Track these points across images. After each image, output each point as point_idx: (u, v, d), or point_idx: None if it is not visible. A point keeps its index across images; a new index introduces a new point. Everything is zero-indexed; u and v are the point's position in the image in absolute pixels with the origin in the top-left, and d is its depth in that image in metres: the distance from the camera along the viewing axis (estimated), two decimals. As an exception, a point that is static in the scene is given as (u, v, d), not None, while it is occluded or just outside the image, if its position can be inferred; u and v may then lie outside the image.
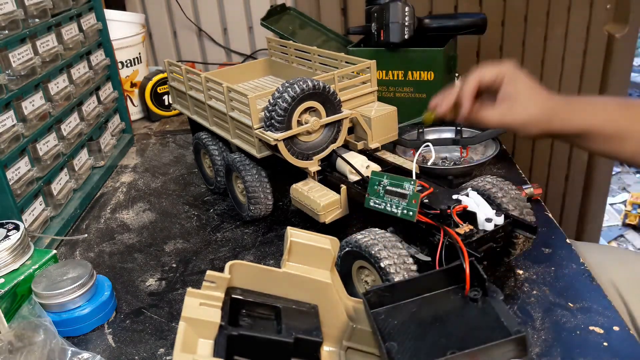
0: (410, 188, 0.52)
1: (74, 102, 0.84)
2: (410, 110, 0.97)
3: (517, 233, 0.53)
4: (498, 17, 1.50)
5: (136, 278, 0.66)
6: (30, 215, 0.70)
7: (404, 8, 0.91)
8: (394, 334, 0.39)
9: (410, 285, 0.43)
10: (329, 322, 0.43)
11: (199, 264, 0.67)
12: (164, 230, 0.76)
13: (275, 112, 0.61)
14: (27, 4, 0.73)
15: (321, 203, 0.61)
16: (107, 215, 0.81)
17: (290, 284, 0.42)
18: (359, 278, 0.55)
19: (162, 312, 0.59)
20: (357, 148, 0.71)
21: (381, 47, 0.96)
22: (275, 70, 0.94)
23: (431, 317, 0.40)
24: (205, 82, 0.73)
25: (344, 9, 1.48)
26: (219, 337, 0.36)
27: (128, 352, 0.54)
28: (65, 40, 0.83)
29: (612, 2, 1.50)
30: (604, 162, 1.72)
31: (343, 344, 0.45)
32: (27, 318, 0.55)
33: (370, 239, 0.51)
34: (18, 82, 0.69)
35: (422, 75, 0.97)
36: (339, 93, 0.66)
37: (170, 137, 1.10)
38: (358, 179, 0.64)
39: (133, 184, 0.91)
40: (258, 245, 0.70)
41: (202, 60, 1.52)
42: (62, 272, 0.58)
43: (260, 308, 0.41)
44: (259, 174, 0.70)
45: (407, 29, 0.92)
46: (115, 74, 1.02)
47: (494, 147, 0.80)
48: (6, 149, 0.66)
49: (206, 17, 1.47)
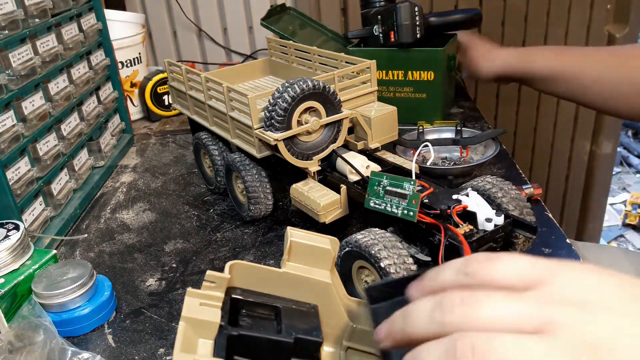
0: (410, 188, 0.52)
1: (74, 102, 0.84)
2: (410, 110, 0.97)
3: (517, 233, 0.53)
4: (498, 17, 1.50)
5: (136, 278, 0.66)
6: (30, 215, 0.70)
7: (413, 8, 0.92)
8: None
9: (412, 281, 0.43)
10: (329, 322, 0.43)
11: (199, 264, 0.67)
12: (164, 230, 0.76)
13: (275, 112, 0.61)
14: (27, 4, 0.73)
15: (321, 203, 0.61)
16: (107, 215, 0.81)
17: (290, 284, 0.42)
18: (359, 278, 0.55)
19: (162, 312, 0.59)
20: (357, 148, 0.71)
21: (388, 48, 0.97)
22: (275, 70, 0.94)
23: None
24: (205, 82, 0.73)
25: (344, 9, 1.48)
26: (219, 337, 0.36)
27: (128, 352, 0.54)
28: (65, 40, 0.83)
29: (613, 2, 1.50)
30: (604, 162, 1.72)
31: (343, 344, 0.45)
32: (27, 318, 0.55)
33: (370, 239, 0.51)
34: (18, 82, 0.69)
35: (422, 75, 0.97)
36: (339, 93, 0.66)
37: (170, 137, 1.10)
38: (358, 179, 0.64)
39: (133, 184, 0.91)
40: (258, 245, 0.70)
41: (202, 60, 1.52)
42: (62, 272, 0.58)
43: (260, 308, 0.41)
44: (259, 174, 0.70)
45: (419, 28, 0.93)
46: (115, 74, 1.02)
47: (494, 147, 0.80)
48: (6, 149, 0.66)
49: (206, 17, 1.47)
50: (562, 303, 0.26)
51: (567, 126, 1.69)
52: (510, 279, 0.28)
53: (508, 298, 0.27)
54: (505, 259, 0.29)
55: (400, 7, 0.93)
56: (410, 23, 0.93)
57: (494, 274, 0.28)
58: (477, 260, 0.29)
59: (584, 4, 1.50)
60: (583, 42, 1.55)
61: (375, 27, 0.97)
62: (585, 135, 1.70)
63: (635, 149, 3.11)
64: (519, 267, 0.28)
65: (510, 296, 0.27)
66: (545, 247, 0.63)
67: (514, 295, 0.27)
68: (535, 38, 1.54)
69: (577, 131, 1.70)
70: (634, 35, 1.53)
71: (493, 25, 1.51)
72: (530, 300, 0.27)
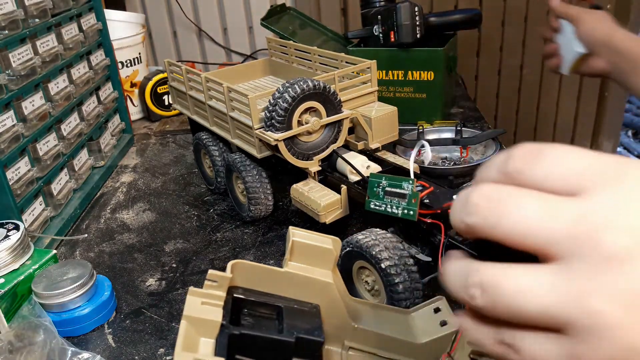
0: (408, 188, 0.52)
1: (74, 102, 0.84)
2: (410, 110, 0.97)
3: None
4: (498, 17, 1.51)
5: (136, 278, 0.66)
6: (30, 215, 0.70)
7: (413, 8, 0.93)
8: None
9: None
10: (331, 321, 0.43)
11: (199, 264, 0.67)
12: (164, 230, 0.75)
13: (276, 112, 0.61)
14: (27, 4, 0.73)
15: (321, 203, 0.61)
16: (107, 215, 0.81)
17: (292, 283, 0.42)
18: (359, 278, 0.55)
19: (162, 312, 0.59)
20: (358, 148, 0.71)
21: (389, 48, 0.96)
22: (275, 70, 0.94)
23: None
24: (206, 82, 0.73)
25: (344, 9, 1.48)
26: (221, 336, 0.36)
27: (128, 352, 0.54)
28: (65, 40, 0.83)
29: (613, 2, 1.50)
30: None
31: (345, 343, 0.45)
32: (27, 318, 0.55)
33: (371, 239, 0.51)
34: (18, 82, 0.69)
35: (422, 75, 0.97)
36: (339, 93, 0.66)
37: (170, 137, 1.10)
38: (358, 179, 0.64)
39: (133, 184, 0.91)
40: (258, 246, 0.70)
41: (202, 60, 1.52)
42: (62, 272, 0.58)
43: (261, 307, 0.41)
44: (259, 174, 0.70)
45: (419, 28, 0.93)
46: (115, 74, 1.02)
47: (494, 147, 0.80)
48: (6, 149, 0.66)
49: (206, 17, 1.47)
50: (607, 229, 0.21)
51: (567, 126, 1.69)
52: (553, 182, 0.23)
53: (539, 209, 0.22)
54: (552, 154, 0.23)
55: (400, 7, 0.93)
56: (410, 23, 0.93)
57: (535, 175, 0.23)
58: (519, 156, 0.24)
59: (584, 4, 1.50)
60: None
61: (375, 27, 0.97)
62: (585, 135, 1.70)
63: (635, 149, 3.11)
64: (568, 165, 0.23)
65: (544, 205, 0.22)
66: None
67: (550, 204, 0.22)
68: (536, 38, 1.54)
69: (577, 131, 1.70)
70: (633, 35, 1.53)
71: (493, 25, 1.51)
72: (567, 215, 0.21)
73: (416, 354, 0.44)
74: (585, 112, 1.66)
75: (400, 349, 0.44)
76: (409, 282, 0.49)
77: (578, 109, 1.67)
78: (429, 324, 0.45)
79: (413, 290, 0.49)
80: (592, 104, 1.65)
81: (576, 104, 1.66)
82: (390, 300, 0.50)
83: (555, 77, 1.61)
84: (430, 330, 0.44)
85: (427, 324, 0.45)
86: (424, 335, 0.44)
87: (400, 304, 0.49)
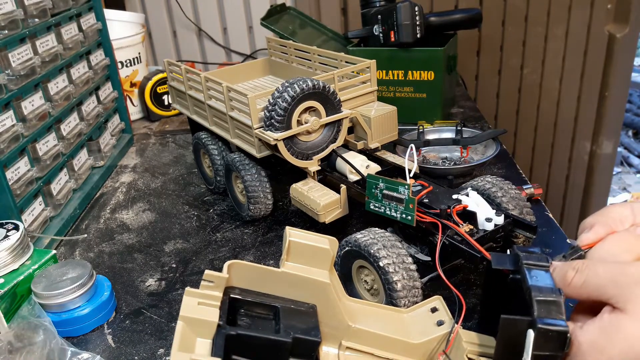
0: (405, 192, 0.52)
1: (73, 102, 0.84)
2: (410, 110, 0.97)
3: (517, 233, 0.53)
4: (498, 17, 1.50)
5: (136, 278, 0.66)
6: (30, 215, 0.70)
7: (413, 8, 0.93)
8: None
9: None
10: (328, 322, 0.43)
11: (198, 264, 0.67)
12: (163, 231, 0.76)
13: (275, 111, 0.61)
14: (27, 4, 0.73)
15: (321, 203, 0.61)
16: (107, 215, 0.81)
17: (288, 283, 0.42)
18: (358, 278, 0.55)
19: (161, 312, 0.59)
20: (357, 148, 0.71)
21: (389, 47, 0.96)
22: (275, 70, 0.94)
23: None
24: (205, 82, 0.73)
25: (344, 9, 1.48)
26: (217, 336, 0.36)
27: (128, 352, 0.54)
28: (65, 40, 0.83)
29: (613, 2, 1.50)
30: (605, 162, 1.72)
31: (341, 343, 0.45)
32: (26, 318, 0.55)
33: (370, 238, 0.51)
34: (18, 82, 0.69)
35: (422, 75, 0.97)
36: (339, 93, 0.66)
37: (170, 137, 1.10)
38: (358, 178, 0.64)
39: (133, 184, 0.91)
40: (258, 245, 0.70)
41: (202, 60, 1.52)
42: (62, 272, 0.58)
43: (258, 308, 0.41)
44: (258, 173, 0.70)
45: (419, 28, 0.93)
46: (114, 73, 1.02)
47: (494, 147, 0.80)
48: (6, 149, 0.66)
49: (206, 17, 1.47)
50: None
51: (568, 126, 1.69)
52: None
53: None
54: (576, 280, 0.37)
55: (400, 7, 0.93)
56: (410, 23, 0.93)
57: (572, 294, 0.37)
58: (560, 278, 0.38)
59: (584, 4, 1.50)
60: (583, 41, 1.55)
61: (375, 27, 0.97)
62: (586, 135, 1.70)
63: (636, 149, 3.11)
64: None
65: None
66: (545, 247, 0.63)
67: None
68: (536, 38, 1.54)
69: (578, 131, 1.70)
70: (634, 35, 1.53)
71: (493, 25, 1.51)
72: None
73: (412, 353, 0.44)
74: (586, 112, 1.66)
75: (397, 349, 0.44)
76: (407, 281, 0.49)
77: (578, 109, 1.67)
78: (426, 323, 0.45)
79: (411, 289, 0.49)
80: (592, 104, 1.65)
81: (576, 104, 1.65)
82: (388, 299, 0.50)
83: (555, 77, 1.61)
84: (427, 330, 0.44)
85: (423, 324, 0.45)
86: (420, 335, 0.44)
87: (399, 303, 0.49)
